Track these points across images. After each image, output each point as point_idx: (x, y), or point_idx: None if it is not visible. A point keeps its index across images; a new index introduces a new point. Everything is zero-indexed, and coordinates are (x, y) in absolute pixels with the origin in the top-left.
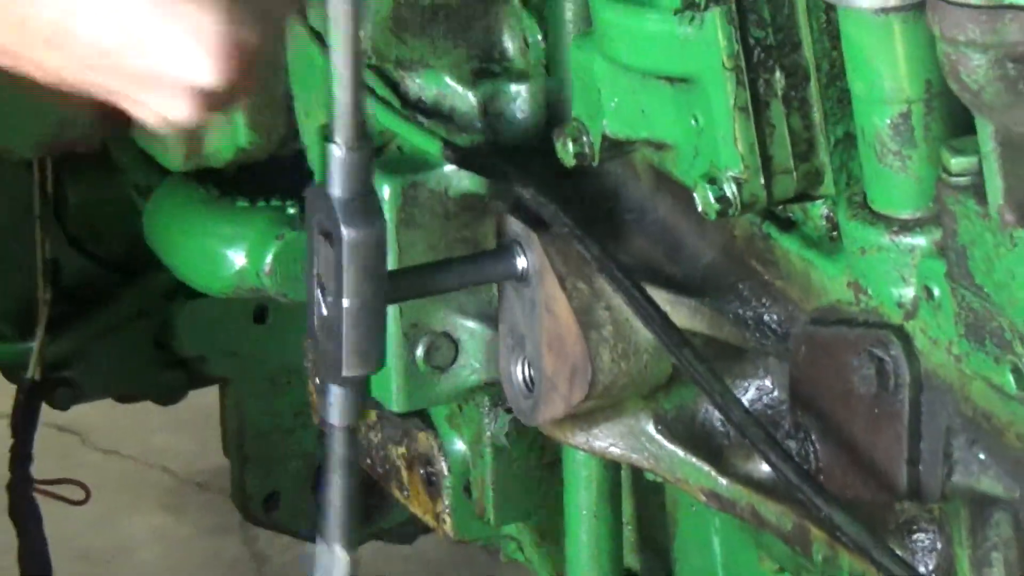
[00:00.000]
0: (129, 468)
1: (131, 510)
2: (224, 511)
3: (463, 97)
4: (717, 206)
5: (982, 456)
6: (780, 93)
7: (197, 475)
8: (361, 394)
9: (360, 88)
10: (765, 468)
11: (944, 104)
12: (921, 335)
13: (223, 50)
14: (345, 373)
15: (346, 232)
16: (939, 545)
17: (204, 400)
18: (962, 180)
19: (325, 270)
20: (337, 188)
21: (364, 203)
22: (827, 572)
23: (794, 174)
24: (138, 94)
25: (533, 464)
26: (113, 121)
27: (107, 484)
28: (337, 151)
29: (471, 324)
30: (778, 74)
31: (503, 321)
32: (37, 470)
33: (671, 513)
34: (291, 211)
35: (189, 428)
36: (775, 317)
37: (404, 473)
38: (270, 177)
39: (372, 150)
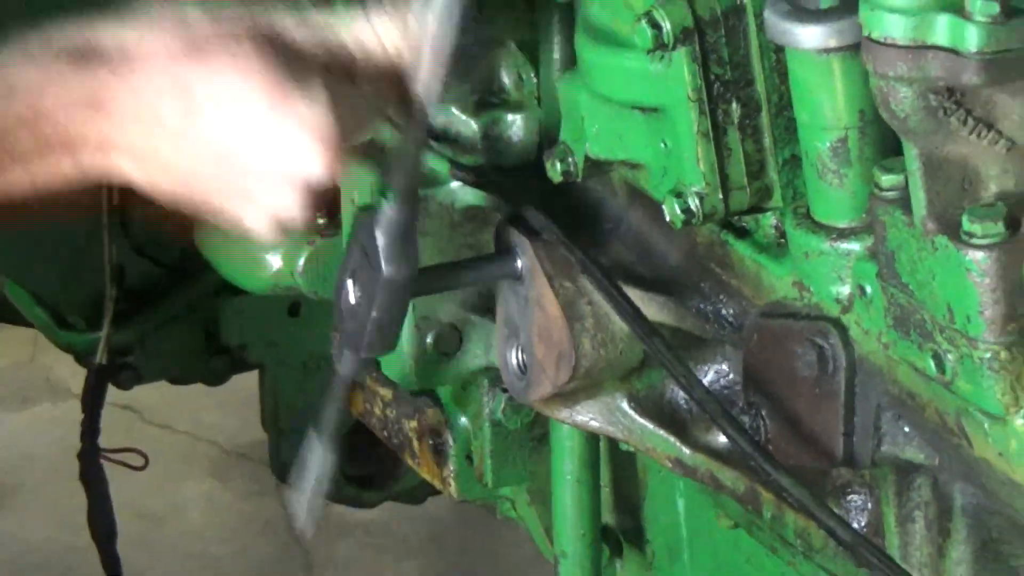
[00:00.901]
0: (181, 441)
1: (183, 477)
2: (262, 477)
3: (467, 124)
4: (682, 216)
5: (907, 429)
6: (736, 121)
7: (240, 447)
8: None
9: (418, 162)
10: (722, 439)
11: (876, 130)
12: (855, 326)
13: (333, 145)
14: (364, 355)
15: (386, 269)
16: (870, 505)
17: (246, 383)
18: (891, 194)
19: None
20: (381, 235)
21: (403, 247)
22: (775, 527)
23: (748, 190)
24: (251, 195)
25: (525, 436)
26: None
27: (162, 455)
28: (388, 209)
29: (473, 317)
30: (735, 105)
31: (500, 314)
32: (103, 442)
33: (642, 478)
34: (320, 220)
35: (233, 407)
36: (731, 311)
37: (415, 443)
38: None
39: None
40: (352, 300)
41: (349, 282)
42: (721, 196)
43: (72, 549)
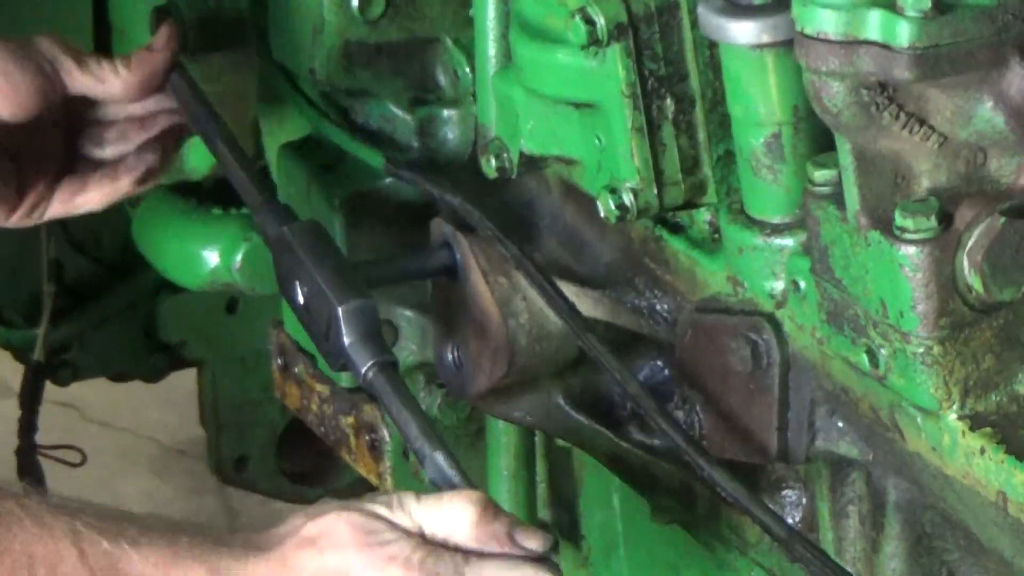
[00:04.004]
0: (121, 438)
1: (123, 474)
2: (202, 475)
3: (403, 121)
4: (617, 212)
5: (840, 424)
6: (670, 117)
7: (179, 444)
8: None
9: None
10: (657, 435)
11: (809, 126)
12: (789, 321)
13: None
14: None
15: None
16: (804, 500)
17: (186, 381)
18: (824, 190)
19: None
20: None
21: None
22: (709, 523)
23: (682, 185)
24: None
25: (461, 432)
26: None
27: (102, 452)
28: None
29: (409, 313)
30: (669, 101)
31: (436, 310)
32: (43, 439)
33: (577, 473)
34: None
35: (173, 404)
36: (665, 307)
37: (352, 440)
38: None
39: None
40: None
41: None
42: (655, 192)
43: None
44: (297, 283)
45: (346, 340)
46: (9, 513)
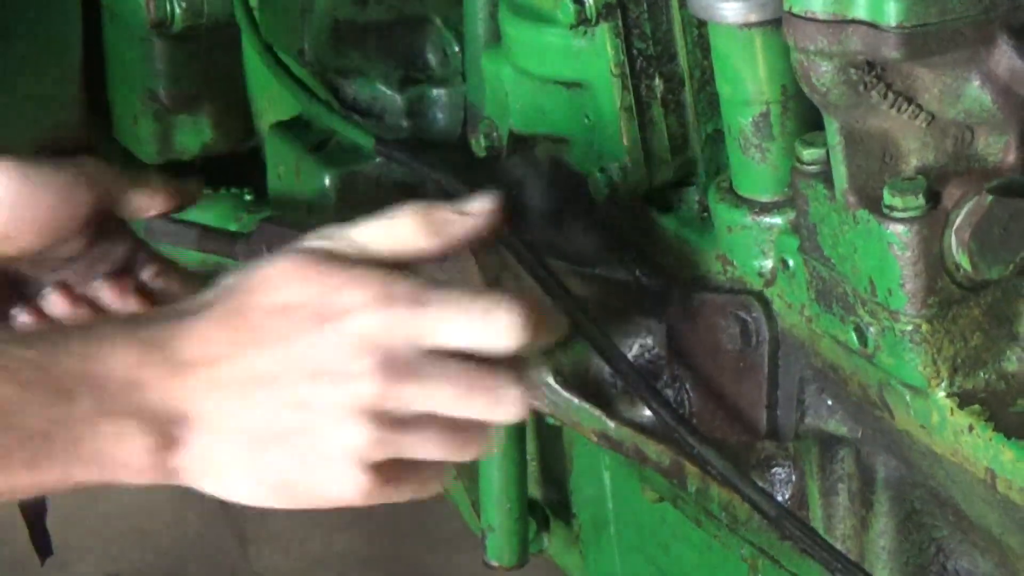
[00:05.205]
0: None
1: None
2: None
3: (392, 100)
4: (606, 191)
5: (829, 402)
6: (659, 96)
7: None
8: None
9: None
10: (647, 413)
11: (797, 104)
12: (778, 300)
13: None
14: None
15: None
16: (794, 478)
17: None
18: (813, 168)
19: None
20: None
21: None
22: (700, 500)
23: (671, 164)
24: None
25: None
26: None
27: None
28: None
29: None
30: (658, 80)
31: None
32: None
33: (568, 452)
34: (248, 197)
35: None
36: (655, 285)
37: None
38: (230, 168)
39: None
40: None
41: None
42: (644, 171)
43: (2, 526)
44: None
45: None
46: None
